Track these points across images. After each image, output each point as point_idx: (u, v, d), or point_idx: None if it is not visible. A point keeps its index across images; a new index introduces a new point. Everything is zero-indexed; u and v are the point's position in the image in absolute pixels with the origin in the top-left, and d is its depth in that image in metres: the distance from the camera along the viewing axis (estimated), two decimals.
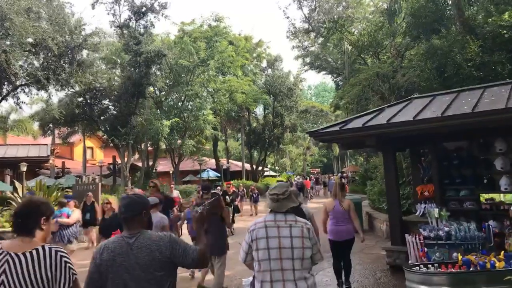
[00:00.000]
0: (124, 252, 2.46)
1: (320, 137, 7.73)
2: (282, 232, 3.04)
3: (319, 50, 29.42)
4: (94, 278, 2.47)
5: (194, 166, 35.81)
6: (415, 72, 12.61)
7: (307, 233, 3.07)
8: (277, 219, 3.11)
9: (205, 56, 26.76)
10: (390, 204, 8.07)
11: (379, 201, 13.77)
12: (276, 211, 3.15)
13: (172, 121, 26.34)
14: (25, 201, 2.46)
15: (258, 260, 3.08)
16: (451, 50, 11.24)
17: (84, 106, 24.55)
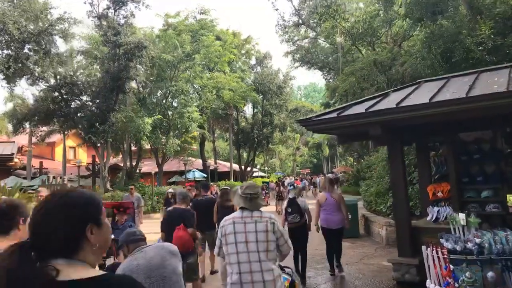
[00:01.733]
0: None
1: (314, 126, 6.39)
2: (248, 227, 3.27)
3: (310, 45, 28.14)
4: None
5: (180, 166, 34.33)
6: (416, 60, 11.39)
7: (271, 227, 3.29)
8: (244, 215, 3.35)
9: (190, 50, 25.28)
10: (397, 207, 6.75)
11: (376, 203, 12.50)
12: (246, 209, 3.37)
13: (155, 118, 24.81)
14: (5, 201, 2.41)
15: (228, 253, 3.31)
16: (459, 32, 10.03)
17: (59, 101, 22.90)
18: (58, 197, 1.31)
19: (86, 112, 23.14)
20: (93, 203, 1.36)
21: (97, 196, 1.43)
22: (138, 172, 32.62)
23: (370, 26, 15.22)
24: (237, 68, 37.52)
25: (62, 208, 1.27)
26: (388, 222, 10.36)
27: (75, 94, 23.04)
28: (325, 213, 7.39)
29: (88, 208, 1.33)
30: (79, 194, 1.37)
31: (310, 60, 28.01)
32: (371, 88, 12.83)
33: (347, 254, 9.41)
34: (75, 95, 23.13)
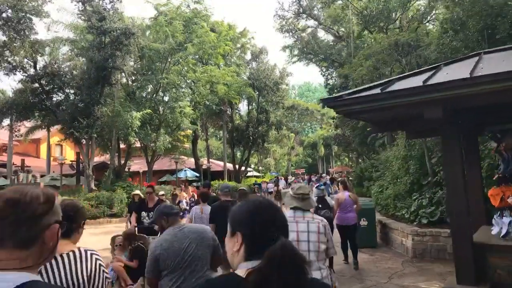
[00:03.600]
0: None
1: (345, 108, 4.73)
2: (300, 227, 3.34)
3: (310, 36, 26.51)
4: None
5: (171, 165, 32.58)
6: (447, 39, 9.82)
7: (323, 229, 3.40)
8: (296, 215, 3.42)
9: (182, 39, 23.49)
10: (455, 217, 5.08)
11: (394, 207, 10.88)
12: (298, 209, 3.46)
13: (144, 113, 23.00)
14: (66, 205, 2.29)
15: None
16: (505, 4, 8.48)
17: (39, 93, 21.05)
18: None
19: (69, 105, 21.27)
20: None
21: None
22: (127, 171, 30.86)
23: (386, 6, 13.60)
24: (232, 63, 35.77)
25: None
26: (415, 230, 8.74)
27: (57, 86, 21.19)
28: (341, 212, 8.01)
29: None
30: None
31: (311, 51, 26.27)
32: (393, 74, 11.20)
33: (370, 271, 7.79)
34: (57, 86, 21.27)
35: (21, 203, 1.23)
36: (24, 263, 1.20)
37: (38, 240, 1.24)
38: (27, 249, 1.22)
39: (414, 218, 9.47)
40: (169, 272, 3.08)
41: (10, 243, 1.20)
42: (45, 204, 1.27)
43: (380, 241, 10.51)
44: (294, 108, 45.71)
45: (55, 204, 1.34)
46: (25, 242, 1.21)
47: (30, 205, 1.24)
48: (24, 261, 1.20)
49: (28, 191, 1.27)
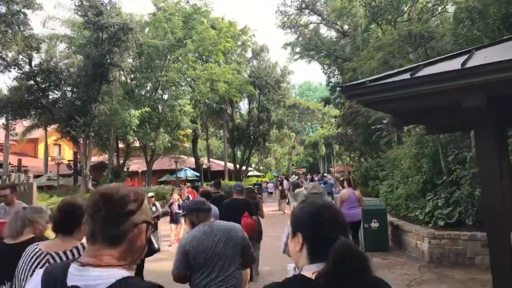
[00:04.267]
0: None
1: (367, 97, 4.15)
2: None
3: (313, 32, 25.90)
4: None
5: (171, 165, 31.97)
6: (463, 29, 9.24)
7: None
8: None
9: (182, 35, 22.88)
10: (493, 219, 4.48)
11: (407, 207, 10.28)
12: None
13: (142, 111, 22.40)
14: (67, 203, 2.42)
15: None
16: None
17: (35, 91, 20.44)
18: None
19: (65, 102, 20.67)
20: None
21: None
22: (126, 170, 30.31)
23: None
24: (233, 60, 35.16)
25: None
26: (432, 233, 8.15)
27: (53, 83, 20.57)
28: (346, 208, 7.97)
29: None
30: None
31: (314, 47, 25.64)
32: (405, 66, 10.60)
33: (385, 277, 7.15)
34: (53, 84, 20.66)
35: (113, 199, 1.25)
36: (116, 261, 1.23)
37: (126, 238, 1.25)
38: (116, 247, 1.24)
39: (429, 219, 8.88)
40: (197, 269, 3.08)
41: (100, 238, 1.23)
42: (134, 202, 1.29)
43: (392, 244, 9.92)
44: (295, 107, 45.15)
45: (144, 204, 1.35)
46: (113, 239, 1.23)
47: (121, 202, 1.26)
48: (116, 259, 1.23)
49: (119, 188, 1.29)
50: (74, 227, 2.32)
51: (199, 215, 3.28)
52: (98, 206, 1.24)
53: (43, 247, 2.25)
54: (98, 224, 1.23)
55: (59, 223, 2.34)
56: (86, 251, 1.26)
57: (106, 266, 1.19)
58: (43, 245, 2.28)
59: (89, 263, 1.21)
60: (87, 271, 1.19)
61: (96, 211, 1.24)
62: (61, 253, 2.19)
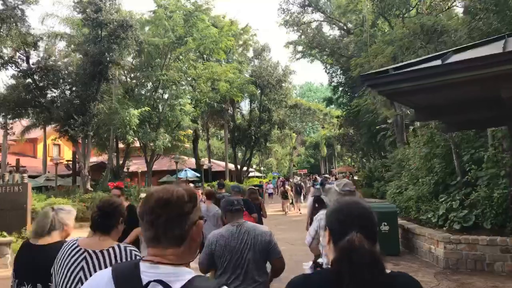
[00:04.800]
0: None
1: (390, 87, 3.69)
2: None
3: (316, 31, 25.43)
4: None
5: (171, 165, 31.57)
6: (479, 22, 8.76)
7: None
8: None
9: (183, 33, 22.42)
10: None
11: (418, 209, 9.82)
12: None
13: (142, 110, 21.94)
14: (105, 202, 2.44)
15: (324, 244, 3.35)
16: None
17: (32, 89, 20.00)
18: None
19: (64, 101, 20.22)
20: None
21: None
22: (126, 171, 29.89)
23: None
24: (234, 60, 34.73)
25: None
26: (447, 237, 7.68)
27: (51, 81, 20.12)
28: None
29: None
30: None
31: (317, 45, 25.14)
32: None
33: None
34: (51, 82, 20.21)
35: (171, 203, 1.27)
36: (180, 259, 1.28)
37: (187, 237, 1.29)
38: (179, 246, 1.28)
39: (443, 222, 8.42)
40: (221, 269, 3.05)
41: (165, 241, 1.26)
42: (190, 202, 1.31)
43: (403, 248, 9.45)
44: (297, 107, 44.70)
45: (198, 201, 1.38)
46: (177, 239, 1.27)
47: (178, 204, 1.28)
48: (179, 258, 1.28)
49: (174, 190, 1.31)
50: (112, 226, 2.34)
51: (227, 214, 3.23)
52: (157, 212, 1.26)
53: (81, 244, 2.26)
54: (160, 229, 1.25)
55: (97, 222, 2.33)
56: (150, 252, 1.28)
57: (173, 264, 1.24)
58: (81, 242, 2.28)
59: (159, 261, 1.24)
60: (158, 268, 1.22)
61: (156, 217, 1.26)
62: (97, 251, 2.20)
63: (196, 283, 1.20)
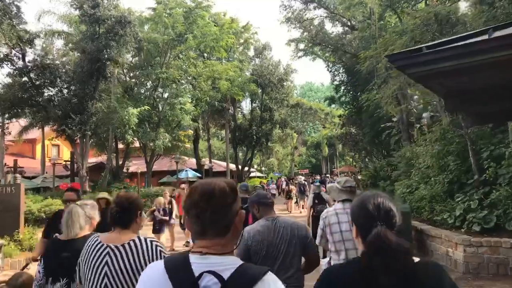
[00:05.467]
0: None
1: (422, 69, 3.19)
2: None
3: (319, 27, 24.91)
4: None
5: (172, 166, 31.05)
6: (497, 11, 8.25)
7: None
8: (345, 207, 3.51)
9: (183, 30, 21.91)
10: None
11: (431, 210, 9.29)
12: (347, 201, 3.53)
13: (141, 109, 21.42)
14: (122, 197, 2.49)
15: (333, 241, 3.46)
16: None
17: (29, 88, 19.50)
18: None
19: (61, 100, 19.72)
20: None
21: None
22: (126, 171, 29.41)
23: None
24: (235, 58, 34.23)
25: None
26: (467, 240, 7.15)
27: (48, 79, 19.62)
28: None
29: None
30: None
31: (320, 41, 24.59)
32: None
33: None
34: (48, 80, 19.70)
35: (215, 196, 1.32)
36: (225, 248, 1.33)
37: (231, 227, 1.35)
38: (224, 236, 1.34)
39: (461, 224, 7.90)
40: (257, 263, 2.98)
41: (211, 232, 1.32)
42: (232, 193, 1.36)
43: (415, 250, 8.93)
44: (299, 106, 44.21)
45: (238, 192, 1.44)
46: (222, 230, 1.33)
47: (221, 197, 1.33)
48: (225, 247, 1.33)
49: (215, 183, 1.35)
50: (131, 220, 2.38)
51: (260, 208, 3.16)
52: (203, 206, 1.30)
53: (103, 239, 2.30)
54: (206, 222, 1.30)
55: (116, 217, 2.36)
56: (197, 244, 1.32)
57: (220, 254, 1.29)
58: (103, 237, 2.33)
59: (207, 252, 1.28)
60: (207, 259, 1.27)
61: (201, 211, 1.30)
62: (119, 246, 2.25)
63: (243, 270, 1.24)
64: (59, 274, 2.72)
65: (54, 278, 2.73)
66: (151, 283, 1.31)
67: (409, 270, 1.33)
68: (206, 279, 1.23)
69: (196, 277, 1.22)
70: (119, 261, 2.20)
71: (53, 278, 2.73)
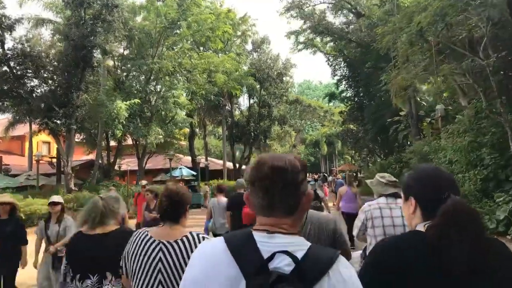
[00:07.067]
0: None
1: None
2: (394, 213, 3.49)
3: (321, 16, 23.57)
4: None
5: (166, 163, 29.73)
6: None
7: None
8: (388, 202, 3.55)
9: (175, 17, 20.46)
10: None
11: None
12: (390, 196, 3.57)
13: (131, 102, 19.97)
14: (173, 190, 2.41)
15: (375, 235, 3.46)
16: None
17: (8, 78, 18.03)
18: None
19: (44, 91, 18.27)
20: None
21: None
22: (117, 169, 28.03)
23: None
24: (232, 52, 32.85)
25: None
26: None
27: (30, 69, 18.14)
28: (344, 202, 9.33)
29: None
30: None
31: (324, 30, 23.20)
32: (462, 29, 8.08)
33: None
34: (30, 70, 18.23)
35: (287, 171, 1.24)
36: (292, 228, 1.25)
37: (298, 207, 1.27)
38: (291, 216, 1.25)
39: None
40: None
41: (279, 210, 1.24)
42: (303, 171, 1.29)
43: None
44: (298, 102, 42.95)
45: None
46: (291, 208, 1.25)
47: (294, 172, 1.25)
48: (292, 227, 1.25)
49: (287, 157, 1.28)
50: (181, 215, 2.35)
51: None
52: (273, 178, 1.22)
53: (153, 235, 2.24)
54: (276, 197, 1.22)
55: (167, 211, 2.31)
56: (260, 222, 1.25)
57: (289, 233, 1.21)
58: (153, 232, 2.27)
59: (275, 231, 1.21)
60: (276, 238, 1.19)
61: (272, 185, 1.22)
62: (172, 242, 2.21)
63: (316, 251, 1.19)
64: (88, 271, 2.62)
65: (82, 275, 2.62)
66: (212, 263, 1.18)
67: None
68: (277, 260, 1.12)
69: (267, 257, 1.11)
70: (173, 257, 2.17)
71: (81, 275, 2.62)
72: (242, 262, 1.14)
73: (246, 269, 1.12)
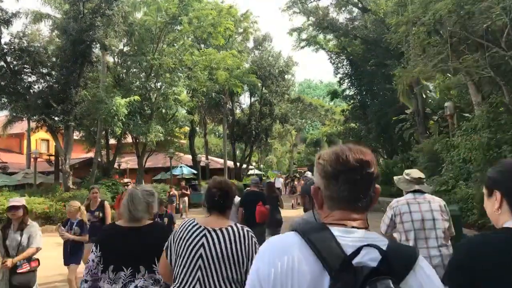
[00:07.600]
0: None
1: None
2: (423, 207, 3.58)
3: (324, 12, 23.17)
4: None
5: (167, 162, 29.34)
6: None
7: (444, 208, 3.65)
8: (416, 197, 3.66)
9: (176, 12, 20.03)
10: None
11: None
12: (417, 192, 3.69)
13: (130, 99, 19.52)
14: (222, 181, 2.48)
15: (404, 231, 3.58)
16: None
17: (4, 73, 17.57)
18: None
19: (41, 87, 17.82)
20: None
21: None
22: (117, 167, 27.61)
23: None
24: (233, 48, 32.42)
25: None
26: None
27: (27, 64, 17.69)
28: None
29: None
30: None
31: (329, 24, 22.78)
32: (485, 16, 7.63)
33: None
34: (28, 65, 17.78)
35: (369, 164, 1.20)
36: (366, 224, 1.23)
37: (373, 202, 1.25)
38: (367, 211, 1.24)
39: None
40: None
41: (358, 204, 1.21)
42: (376, 166, 1.26)
43: None
44: (299, 100, 42.59)
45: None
46: (367, 203, 1.23)
47: (371, 166, 1.21)
48: (366, 222, 1.23)
49: (367, 151, 1.25)
50: (228, 207, 2.40)
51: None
52: (360, 172, 1.18)
53: (200, 222, 2.32)
54: (359, 190, 1.19)
55: (217, 202, 2.36)
56: (336, 216, 1.20)
57: (365, 229, 1.18)
58: (200, 220, 2.34)
59: (354, 226, 1.17)
60: (354, 233, 1.15)
61: (360, 176, 1.17)
62: (217, 229, 2.25)
63: (397, 248, 1.15)
64: (123, 263, 2.60)
65: (116, 267, 2.61)
66: (289, 258, 1.10)
67: None
68: (360, 254, 1.07)
69: (352, 252, 1.06)
70: (215, 244, 2.19)
71: (114, 266, 2.61)
72: (326, 258, 1.08)
73: (330, 265, 1.06)
